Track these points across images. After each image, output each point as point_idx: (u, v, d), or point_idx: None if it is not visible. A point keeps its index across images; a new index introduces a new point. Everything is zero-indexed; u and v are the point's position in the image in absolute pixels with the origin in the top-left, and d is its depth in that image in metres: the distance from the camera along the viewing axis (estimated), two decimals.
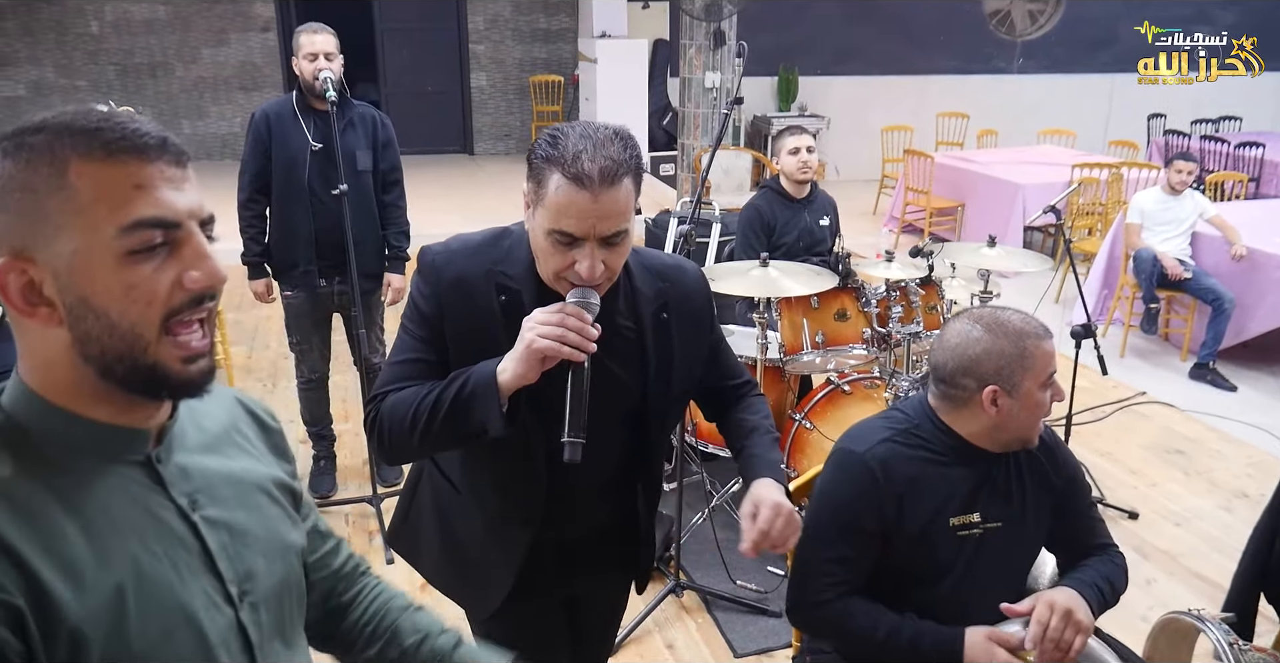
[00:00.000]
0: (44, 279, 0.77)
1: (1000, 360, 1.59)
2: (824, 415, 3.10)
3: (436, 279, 1.44)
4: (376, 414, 1.45)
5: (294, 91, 3.23)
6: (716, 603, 2.92)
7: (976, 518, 1.67)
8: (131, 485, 0.84)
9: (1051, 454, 1.76)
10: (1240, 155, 7.92)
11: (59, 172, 0.76)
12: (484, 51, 10.02)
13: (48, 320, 0.78)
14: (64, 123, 0.78)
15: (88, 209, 0.77)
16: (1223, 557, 3.15)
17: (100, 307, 0.78)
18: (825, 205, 3.75)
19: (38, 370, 0.81)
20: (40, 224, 0.76)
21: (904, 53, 9.96)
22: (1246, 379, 4.80)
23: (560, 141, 1.30)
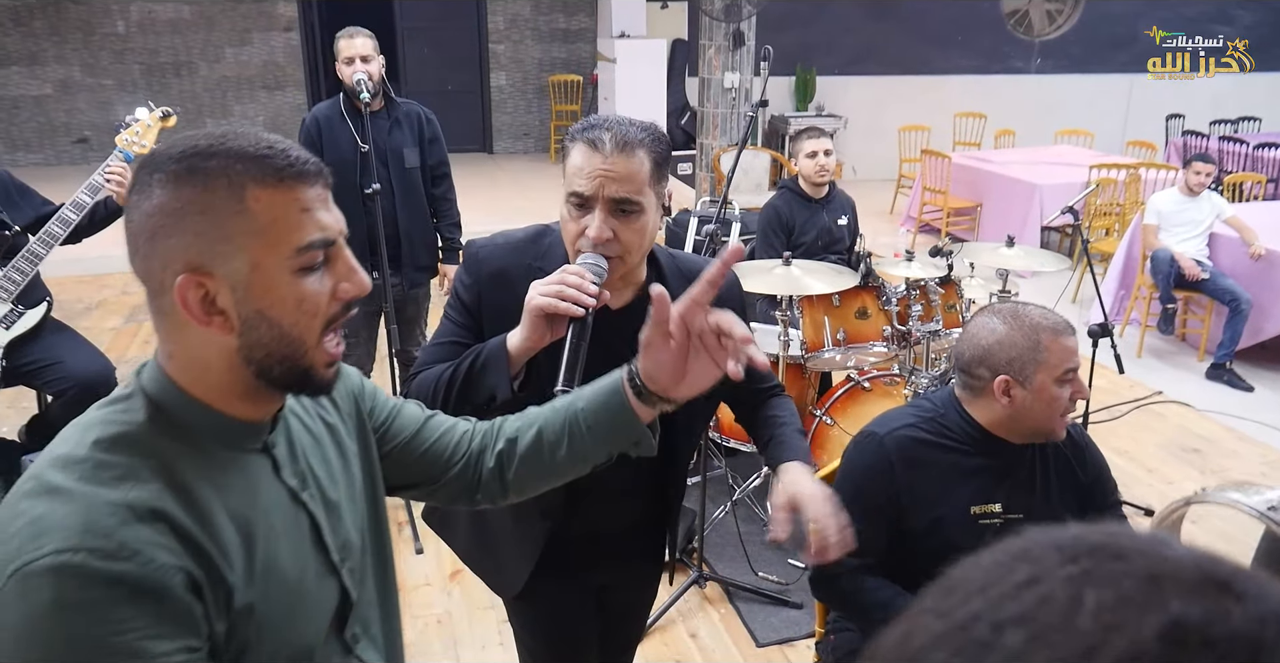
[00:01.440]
0: (219, 292, 0.84)
1: (1013, 351, 1.65)
2: (844, 412, 3.16)
3: (478, 271, 1.53)
4: (407, 392, 1.53)
5: (340, 95, 3.33)
6: (739, 594, 2.99)
7: (998, 508, 1.73)
8: (256, 471, 0.93)
9: (1080, 453, 1.80)
10: (1259, 156, 7.91)
11: (237, 196, 0.84)
12: (504, 51, 10.10)
13: (221, 328, 0.85)
14: (235, 149, 0.85)
15: (266, 231, 0.85)
16: (1238, 555, 3.20)
17: (275, 317, 0.86)
18: (843, 205, 3.81)
19: (190, 370, 0.89)
20: (220, 244, 0.84)
21: (921, 52, 9.99)
22: (1263, 379, 4.82)
23: (589, 120, 1.42)
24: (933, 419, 1.76)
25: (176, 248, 0.83)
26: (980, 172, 7.34)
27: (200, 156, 0.84)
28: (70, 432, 0.88)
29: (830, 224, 3.72)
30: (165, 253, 0.84)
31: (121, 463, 0.83)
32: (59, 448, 0.86)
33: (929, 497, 1.71)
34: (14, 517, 0.80)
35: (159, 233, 0.84)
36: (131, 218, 0.86)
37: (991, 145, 8.94)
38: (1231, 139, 8.33)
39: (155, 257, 0.84)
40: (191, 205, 0.83)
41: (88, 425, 0.87)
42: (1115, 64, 10.43)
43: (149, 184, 0.84)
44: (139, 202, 0.85)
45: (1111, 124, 10.08)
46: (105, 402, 0.90)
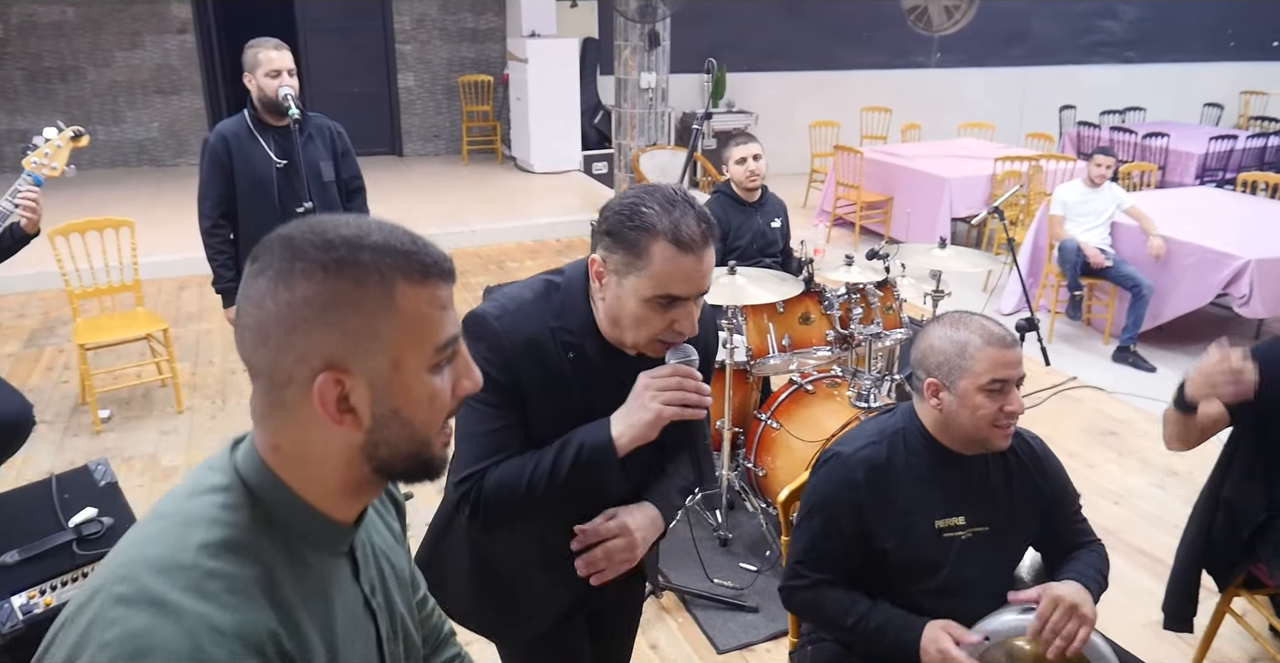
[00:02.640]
0: (355, 390, 0.81)
1: (941, 355, 1.72)
2: (789, 415, 3.22)
3: (507, 345, 1.44)
4: (479, 492, 1.44)
5: (245, 110, 3.20)
6: (695, 602, 3.02)
7: (962, 521, 1.78)
8: (339, 575, 0.90)
9: (1040, 464, 1.87)
10: (1147, 145, 8.32)
11: (388, 293, 0.81)
12: (411, 52, 9.91)
13: (351, 426, 0.82)
14: (383, 243, 0.82)
15: (411, 328, 0.82)
16: (1159, 532, 3.38)
17: (408, 416, 0.84)
18: (776, 208, 3.87)
19: (300, 466, 0.85)
20: (365, 340, 0.80)
21: (828, 48, 10.19)
22: (1165, 360, 5.09)
23: (646, 210, 1.35)
24: (895, 435, 1.80)
25: (320, 342, 0.80)
26: (891, 166, 7.53)
27: (350, 248, 0.80)
28: (168, 527, 0.81)
29: (764, 227, 3.78)
30: (305, 347, 0.80)
31: (231, 574, 0.78)
32: (155, 547, 0.79)
33: (895, 514, 1.76)
34: (106, 624, 0.74)
35: (300, 325, 0.79)
36: (264, 306, 0.80)
37: (898, 139, 9.19)
38: (1121, 129, 8.74)
39: (291, 349, 0.80)
40: (342, 300, 0.80)
41: (189, 521, 0.81)
42: (1010, 58, 10.84)
43: (289, 272, 0.80)
44: (275, 289, 0.80)
45: (1009, 116, 10.46)
46: (202, 490, 0.84)
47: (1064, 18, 10.98)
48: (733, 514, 3.42)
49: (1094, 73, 11.17)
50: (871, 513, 1.75)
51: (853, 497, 1.75)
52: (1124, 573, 3.18)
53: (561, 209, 7.93)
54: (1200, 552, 2.55)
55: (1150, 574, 3.12)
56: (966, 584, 1.78)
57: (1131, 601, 3.00)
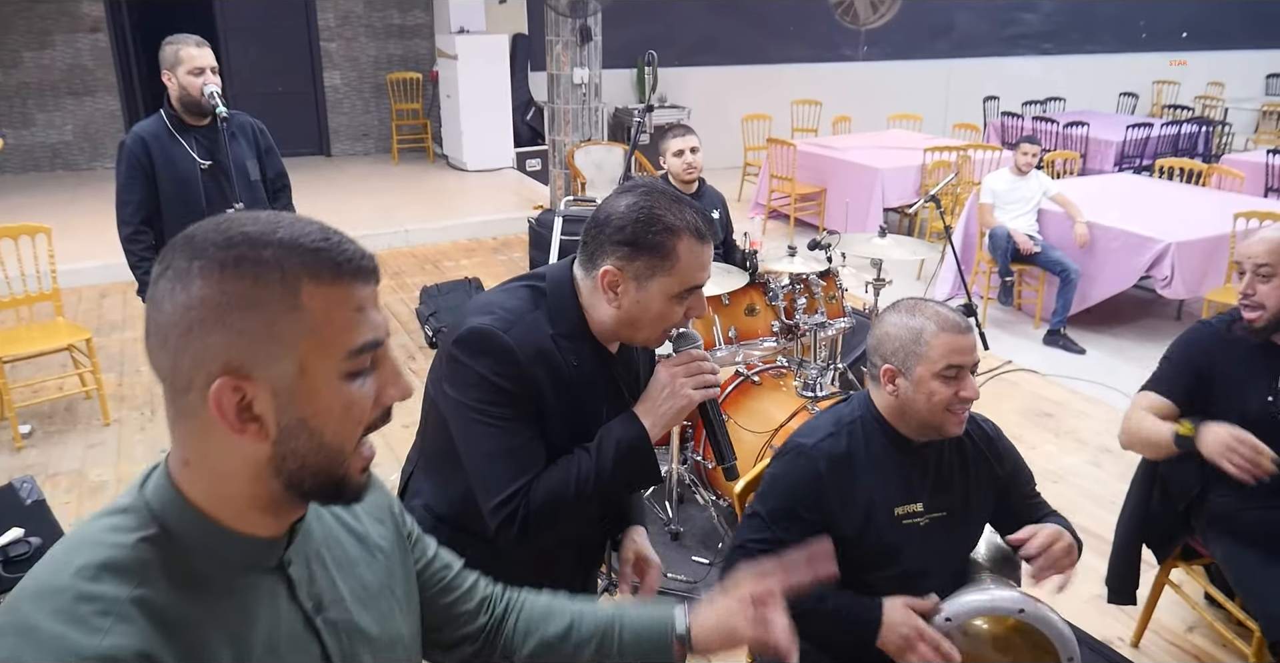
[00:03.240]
0: (258, 397, 0.76)
1: (897, 342, 1.72)
2: (737, 406, 3.22)
3: (521, 358, 1.43)
4: (527, 511, 1.43)
5: (163, 110, 3.08)
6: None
7: (920, 507, 1.79)
8: (266, 594, 0.84)
9: (993, 446, 1.88)
10: (1069, 133, 8.56)
11: (292, 292, 0.75)
12: (336, 50, 9.70)
13: (254, 436, 0.77)
14: (289, 239, 0.76)
15: (319, 331, 0.77)
16: (1099, 508, 3.47)
17: (317, 426, 0.78)
18: (714, 199, 3.87)
19: (207, 480, 0.80)
20: (266, 343, 0.75)
21: (758, 42, 10.26)
22: (1094, 342, 5.24)
23: (659, 214, 1.41)
24: (852, 424, 1.80)
25: (215, 346, 0.75)
26: (823, 158, 7.61)
27: (251, 245, 0.75)
28: (59, 549, 0.78)
29: None
30: (201, 350, 0.75)
31: (106, 596, 0.73)
32: (42, 570, 0.76)
33: (856, 504, 1.76)
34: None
35: (196, 328, 0.74)
36: (161, 308, 0.76)
37: (829, 131, 9.29)
38: (1044, 119, 8.97)
39: (187, 353, 0.75)
40: (239, 300, 0.74)
41: (76, 544, 0.77)
42: (935, 51, 11.04)
43: (188, 272, 0.75)
44: (173, 290, 0.75)
45: (935, 107, 10.67)
46: (104, 512, 0.80)
47: (985, 11, 11.23)
48: (683, 508, 3.42)
49: (1015, 64, 11.45)
50: (832, 504, 1.75)
51: (814, 488, 1.75)
52: None
53: (496, 207, 7.85)
54: (1139, 526, 2.62)
55: (1092, 551, 3.18)
56: (926, 569, 1.79)
57: (1076, 577, 3.06)
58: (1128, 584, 2.67)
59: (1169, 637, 2.84)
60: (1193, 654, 2.76)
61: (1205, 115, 9.70)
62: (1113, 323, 5.55)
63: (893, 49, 10.76)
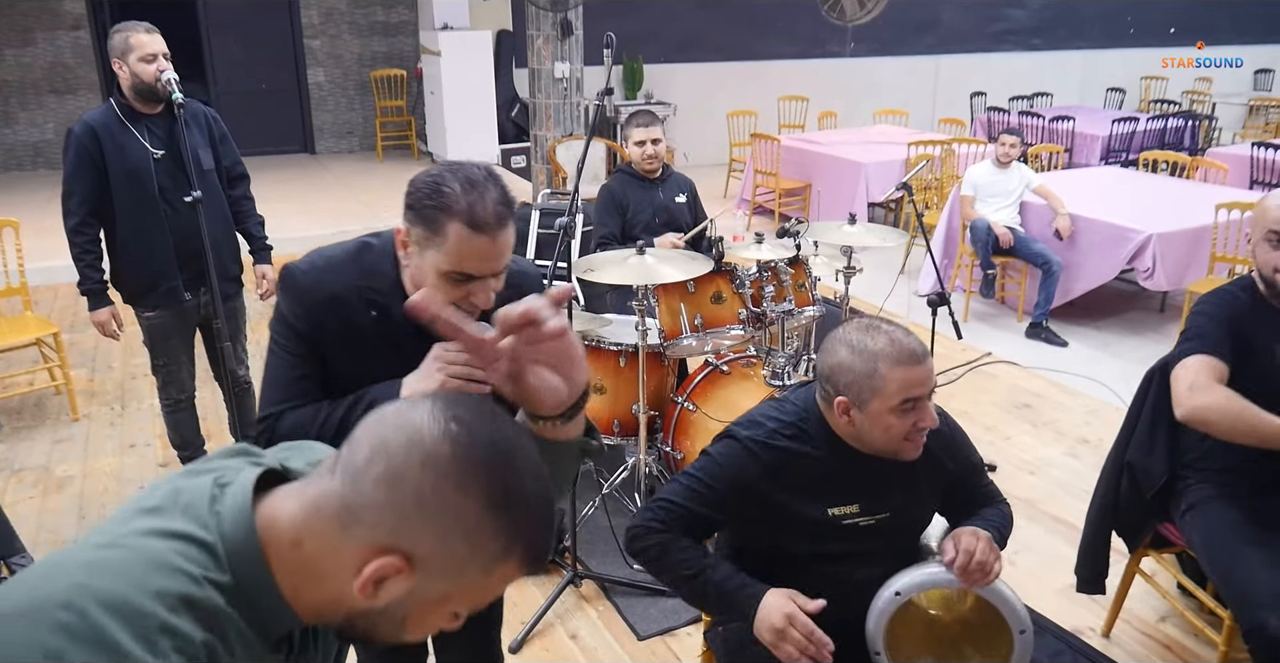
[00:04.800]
0: (398, 583, 0.80)
1: (851, 376, 1.63)
2: (706, 396, 3.18)
3: (308, 299, 1.54)
4: (273, 435, 1.53)
5: (112, 99, 3.01)
6: (615, 589, 2.96)
7: (856, 509, 1.74)
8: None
9: (947, 442, 1.81)
10: (1054, 128, 8.53)
11: (498, 560, 0.82)
12: (320, 47, 9.65)
13: (365, 595, 0.80)
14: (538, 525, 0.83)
15: (482, 591, 0.84)
16: (1074, 499, 3.43)
17: (408, 626, 0.85)
18: (680, 184, 3.85)
19: (294, 567, 0.82)
20: (452, 570, 0.81)
21: (744, 39, 10.22)
22: (1076, 335, 5.21)
23: (446, 190, 1.40)
24: (793, 423, 1.74)
25: (424, 540, 0.79)
26: (808, 153, 7.58)
27: (521, 506, 0.81)
28: (127, 562, 0.75)
29: (667, 202, 3.75)
30: (413, 531, 0.79)
31: (184, 635, 0.74)
32: (109, 580, 0.73)
33: (787, 499, 1.71)
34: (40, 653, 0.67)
35: (428, 514, 0.79)
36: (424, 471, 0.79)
37: (815, 127, 9.26)
38: (1029, 114, 8.94)
39: (403, 519, 0.79)
40: (473, 532, 0.80)
41: (150, 563, 0.76)
42: (922, 47, 11.02)
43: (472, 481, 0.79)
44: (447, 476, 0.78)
45: (922, 103, 10.64)
46: (174, 533, 0.79)
47: (972, 7, 11.21)
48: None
49: (1002, 60, 11.43)
50: (756, 500, 1.70)
51: (739, 475, 1.70)
52: (1041, 541, 3.22)
53: None
54: (1108, 515, 2.58)
55: (1066, 542, 3.15)
56: (870, 562, 1.75)
57: (1048, 568, 3.04)
58: (1097, 574, 2.63)
59: (1140, 626, 2.80)
60: (1164, 644, 2.72)
61: (1193, 111, 9.67)
62: (1096, 316, 5.52)
63: (880, 45, 10.73)
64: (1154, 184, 6.35)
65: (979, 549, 1.59)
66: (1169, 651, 2.70)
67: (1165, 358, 2.44)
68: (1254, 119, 10.69)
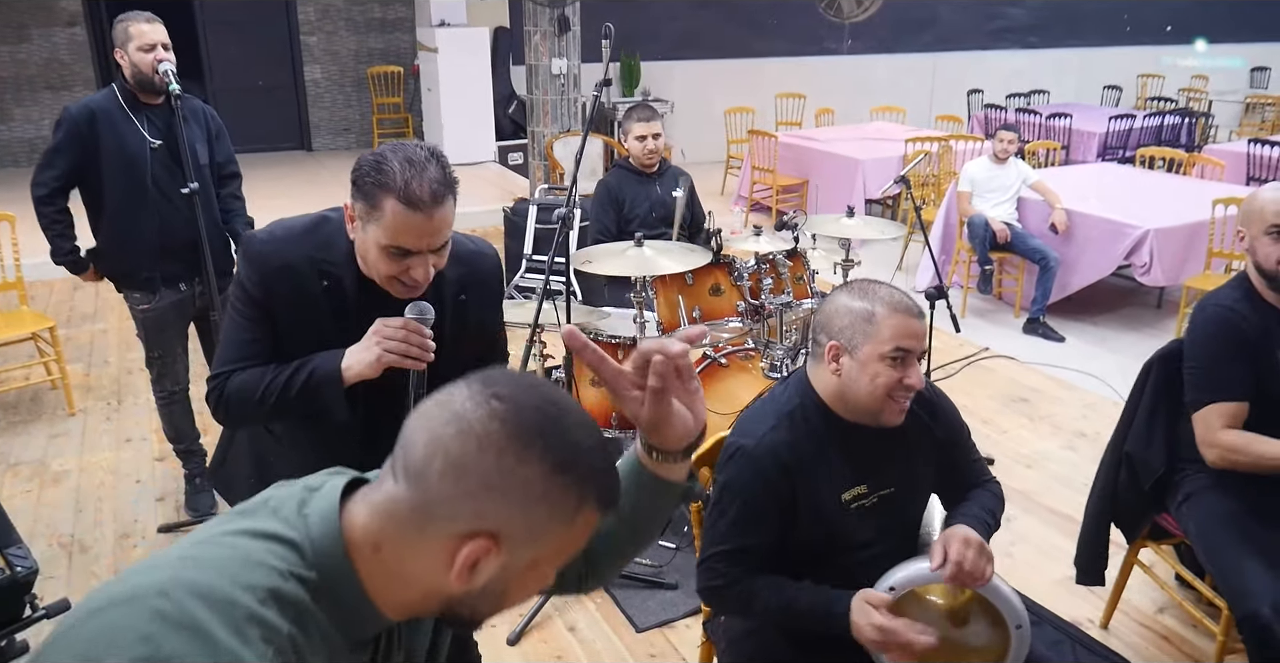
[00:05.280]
0: (490, 562, 0.83)
1: (847, 318, 1.65)
2: (704, 389, 3.16)
3: (263, 267, 1.60)
4: (222, 393, 1.65)
5: (115, 86, 3.00)
6: (613, 582, 2.96)
7: (865, 489, 1.74)
8: None
9: (934, 410, 1.82)
10: (1051, 125, 8.54)
11: (578, 507, 0.84)
12: (316, 43, 9.64)
13: (459, 581, 0.83)
14: (601, 470, 0.86)
15: (569, 543, 0.87)
16: (1071, 492, 3.43)
17: (508, 596, 0.88)
18: (677, 178, 3.85)
19: (382, 571, 0.85)
20: (536, 534, 0.83)
21: (742, 37, 10.22)
22: (1073, 330, 5.21)
23: (386, 168, 1.47)
24: (791, 414, 1.73)
25: (504, 516, 0.82)
26: (805, 149, 7.57)
27: (583, 458, 0.84)
28: (221, 558, 0.79)
29: (664, 196, 3.75)
30: (490, 510, 0.81)
31: (270, 625, 0.77)
32: (202, 573, 0.77)
33: (807, 493, 1.70)
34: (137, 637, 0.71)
35: (500, 491, 0.81)
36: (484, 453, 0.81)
37: (812, 124, 9.26)
38: (1027, 111, 8.95)
39: (477, 503, 0.81)
40: (547, 496, 0.82)
41: (245, 561, 0.80)
42: (919, 44, 11.02)
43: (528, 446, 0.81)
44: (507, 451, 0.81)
45: (919, 100, 10.64)
46: (262, 533, 0.83)
47: (969, 5, 11.21)
48: None
49: (999, 58, 11.43)
50: (788, 496, 1.69)
51: (767, 488, 1.69)
52: (1038, 533, 3.22)
53: (478, 200, 7.78)
54: (1107, 506, 2.59)
55: (1064, 534, 3.16)
56: (877, 542, 1.75)
57: (1046, 559, 3.04)
58: (1096, 565, 2.64)
59: (1139, 618, 2.80)
60: (1162, 635, 2.72)
61: (1189, 108, 9.68)
62: (1093, 312, 5.52)
63: (877, 42, 10.73)
64: (1151, 180, 6.36)
65: (968, 559, 1.58)
66: (1167, 642, 2.70)
67: (1164, 349, 2.45)
68: (1250, 116, 10.71)
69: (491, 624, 2.74)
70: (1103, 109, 9.98)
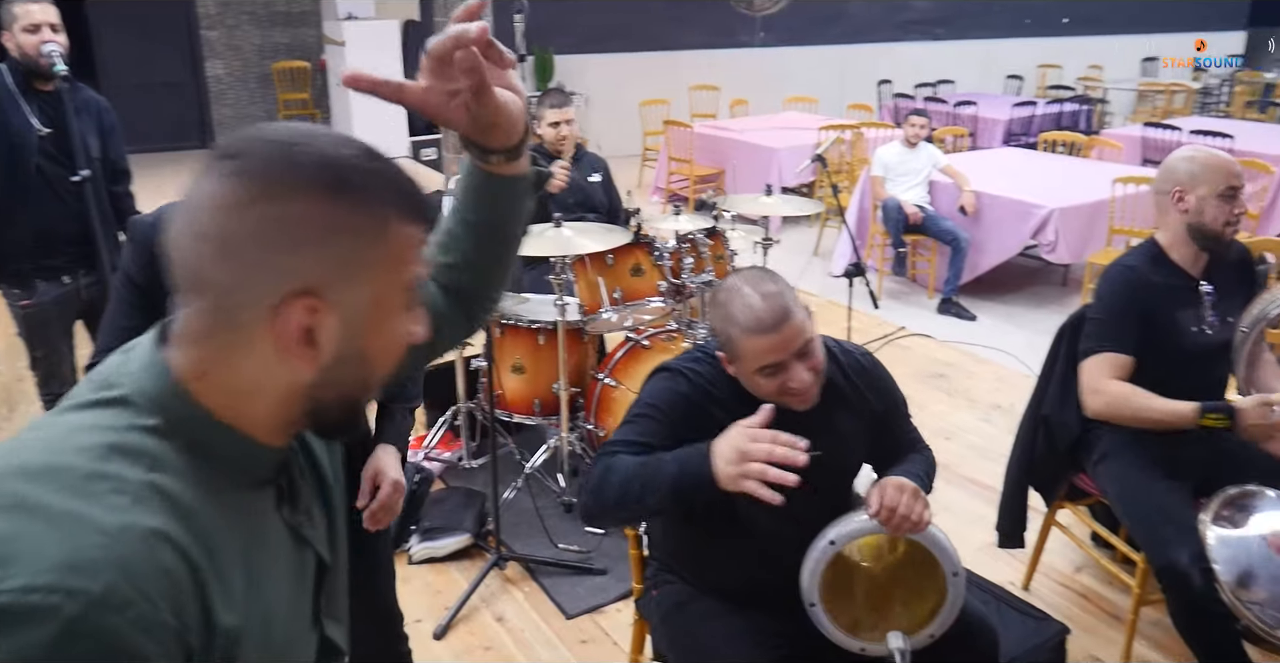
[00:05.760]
0: (325, 323, 0.73)
1: (722, 336, 1.66)
2: (627, 372, 3.15)
3: (149, 250, 1.56)
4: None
5: (4, 69, 2.83)
6: (541, 570, 2.91)
7: None
8: (262, 506, 0.81)
9: (872, 381, 1.81)
10: (958, 113, 8.78)
11: (383, 226, 0.75)
12: (218, 38, 9.32)
13: (305, 362, 0.74)
14: (385, 172, 0.76)
15: (396, 265, 0.77)
16: (989, 461, 3.51)
17: (371, 356, 0.78)
18: (594, 163, 3.82)
19: (224, 395, 0.75)
20: (353, 269, 0.74)
21: (655, 30, 10.23)
22: (984, 309, 5.34)
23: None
24: (710, 370, 1.73)
25: (306, 266, 0.72)
26: (721, 139, 7.61)
27: (356, 171, 0.74)
28: (41, 436, 0.71)
29: (581, 182, 3.72)
30: (284, 267, 0.71)
31: (119, 476, 0.68)
32: (23, 455, 0.68)
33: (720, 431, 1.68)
34: None
35: (284, 242, 0.71)
36: (243, 216, 0.70)
37: (727, 115, 9.32)
38: (934, 100, 9.17)
39: (269, 268, 0.71)
40: (338, 223, 0.72)
41: (70, 429, 0.71)
42: (830, 36, 11.19)
43: (280, 184, 0.71)
44: (258, 201, 0.70)
45: (831, 91, 10.80)
46: (84, 403, 0.73)
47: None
48: (576, 480, 3.33)
49: (907, 49, 11.69)
50: (702, 421, 1.64)
51: (687, 402, 1.68)
52: (959, 502, 3.28)
53: None
54: (1025, 470, 2.65)
55: (984, 502, 3.22)
56: (810, 508, 1.73)
57: (968, 527, 3.09)
58: (1016, 528, 2.69)
59: (1058, 578, 2.87)
60: (1080, 594, 2.80)
61: (1086, 96, 10.06)
62: (1002, 291, 5.67)
63: (789, 34, 10.86)
64: (1053, 163, 6.57)
65: (902, 503, 1.57)
66: (1085, 599, 2.77)
67: (1075, 314, 2.52)
68: (1143, 104, 11.16)
69: (416, 619, 2.67)
70: (1006, 97, 10.30)
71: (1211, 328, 2.29)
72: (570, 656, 2.57)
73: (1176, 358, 2.25)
